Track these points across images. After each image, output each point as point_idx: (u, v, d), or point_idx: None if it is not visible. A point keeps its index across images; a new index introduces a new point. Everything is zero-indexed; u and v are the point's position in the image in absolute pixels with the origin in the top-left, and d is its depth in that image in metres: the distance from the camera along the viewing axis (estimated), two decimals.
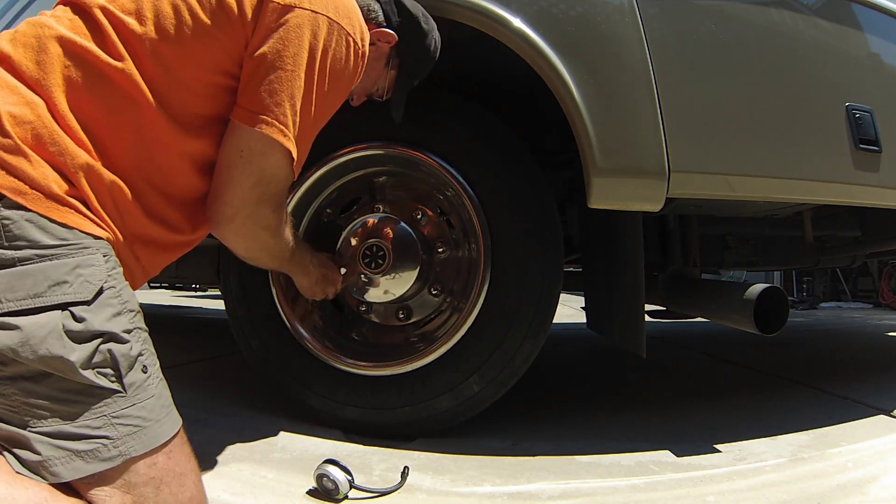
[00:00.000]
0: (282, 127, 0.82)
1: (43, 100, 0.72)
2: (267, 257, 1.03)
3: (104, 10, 0.76)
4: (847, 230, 2.04)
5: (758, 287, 1.35)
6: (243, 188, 0.86)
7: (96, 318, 0.68)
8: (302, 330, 1.34)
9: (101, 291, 0.70)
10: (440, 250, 1.36)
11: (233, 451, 1.17)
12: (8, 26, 2.05)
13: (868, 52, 1.35)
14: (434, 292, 1.37)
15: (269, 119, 0.81)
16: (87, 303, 0.68)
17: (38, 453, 0.64)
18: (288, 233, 1.01)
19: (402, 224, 1.33)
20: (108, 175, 0.75)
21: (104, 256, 0.72)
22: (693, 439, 1.30)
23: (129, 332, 0.72)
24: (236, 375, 1.90)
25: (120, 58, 0.75)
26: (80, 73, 0.74)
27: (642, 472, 1.12)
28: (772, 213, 1.88)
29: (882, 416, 1.49)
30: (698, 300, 1.62)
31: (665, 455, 1.21)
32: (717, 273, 2.65)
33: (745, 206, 1.74)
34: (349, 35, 0.86)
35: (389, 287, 1.31)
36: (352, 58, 0.88)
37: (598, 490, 1.04)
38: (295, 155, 0.86)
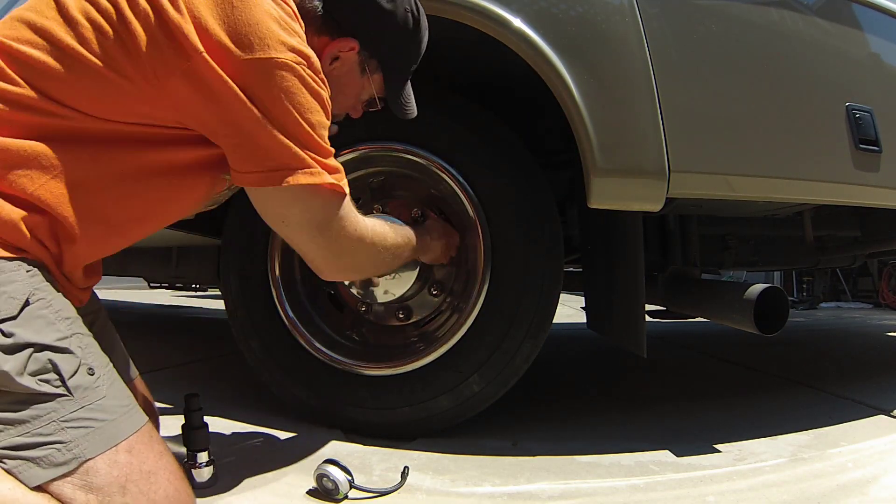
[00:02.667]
0: (304, 169, 0.78)
1: None
2: (390, 261, 1.02)
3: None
4: (847, 230, 2.04)
5: (758, 287, 1.35)
6: (315, 243, 0.86)
7: (25, 331, 0.67)
8: (302, 329, 1.34)
9: (26, 304, 0.69)
10: None
11: (233, 450, 1.17)
12: None
13: (868, 52, 1.35)
14: (434, 293, 1.37)
15: (285, 169, 0.77)
16: (13, 318, 0.67)
17: (4, 464, 0.65)
18: (386, 229, 0.98)
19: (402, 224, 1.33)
20: (16, 211, 0.71)
21: (27, 271, 0.71)
22: (693, 439, 1.30)
23: (65, 338, 0.71)
24: (236, 375, 1.90)
25: (12, 81, 0.72)
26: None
27: (642, 472, 1.12)
28: (772, 213, 1.88)
29: (882, 416, 1.49)
30: (698, 300, 1.62)
31: (665, 455, 1.21)
32: (717, 273, 2.65)
33: (745, 206, 1.74)
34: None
35: (389, 287, 1.31)
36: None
37: (598, 490, 1.04)
38: (328, 178, 0.80)
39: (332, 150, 0.83)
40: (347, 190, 0.85)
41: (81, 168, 0.74)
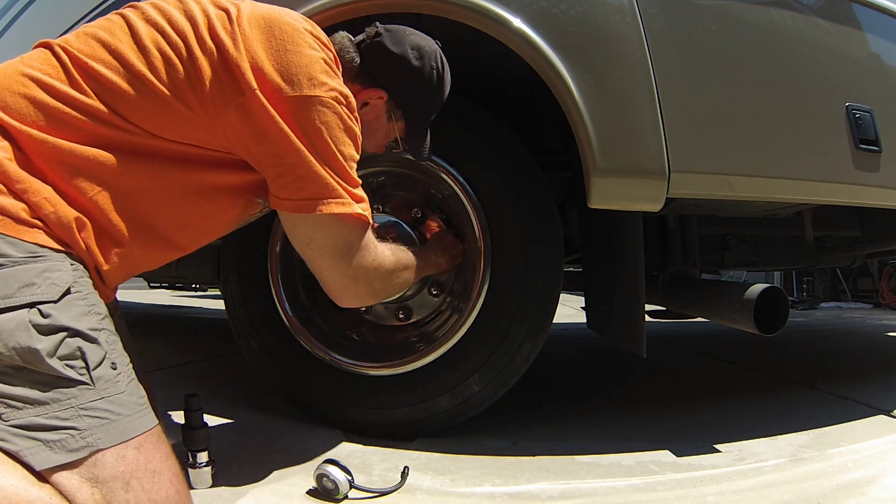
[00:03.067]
0: (335, 199, 0.85)
1: (10, 143, 0.75)
2: (400, 285, 1.09)
3: (64, 49, 0.79)
4: (847, 230, 2.04)
5: (758, 287, 1.35)
6: (335, 268, 0.91)
7: (62, 315, 0.71)
8: (303, 329, 1.33)
9: (67, 292, 0.73)
10: None
11: (233, 451, 1.17)
12: (7, 27, 2.05)
13: (868, 52, 1.35)
14: (434, 293, 1.37)
15: (319, 199, 0.84)
16: (54, 301, 0.71)
17: (13, 444, 0.67)
18: (398, 255, 1.04)
19: (402, 224, 1.33)
20: (71, 212, 0.77)
21: (71, 265, 0.76)
22: (693, 439, 1.31)
23: (96, 330, 0.74)
24: (236, 375, 1.90)
25: (85, 93, 0.78)
26: (50, 109, 0.76)
27: (642, 472, 1.12)
28: (772, 213, 1.88)
29: (882, 416, 1.49)
30: (698, 300, 1.62)
31: (665, 455, 1.21)
32: (717, 273, 2.65)
33: (745, 206, 1.73)
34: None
35: None
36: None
37: (598, 490, 1.04)
38: (356, 208, 0.87)
39: (360, 181, 0.90)
40: (371, 219, 0.92)
41: (136, 179, 0.81)
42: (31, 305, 0.70)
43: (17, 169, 0.74)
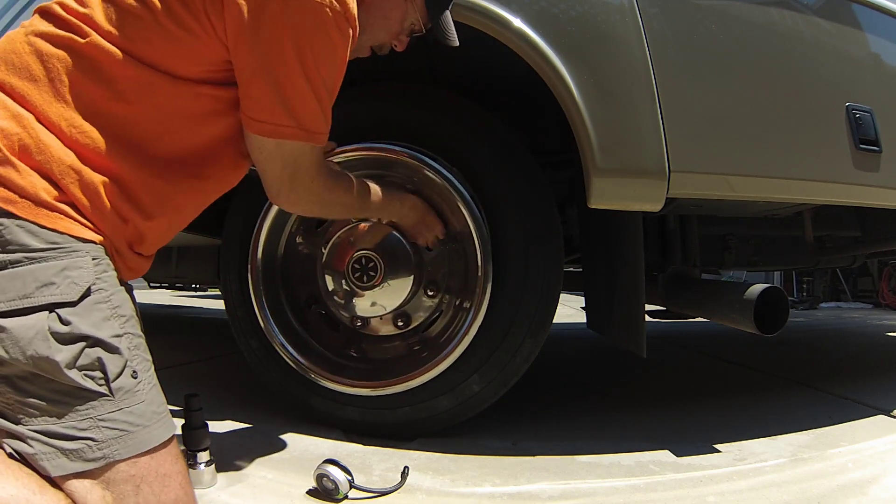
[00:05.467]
0: (283, 126, 0.82)
1: (30, 111, 0.73)
2: (338, 211, 1.11)
3: (59, 3, 0.77)
4: (847, 230, 2.04)
5: (758, 287, 1.35)
6: (275, 172, 0.90)
7: (83, 322, 0.69)
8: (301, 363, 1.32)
9: (87, 293, 0.71)
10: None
11: (233, 451, 1.17)
12: (7, 27, 2.05)
13: (868, 52, 1.35)
14: (430, 293, 1.36)
15: (268, 124, 0.82)
16: (73, 304, 0.69)
17: (30, 447, 0.67)
18: (345, 184, 1.03)
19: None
20: (97, 176, 0.75)
21: (94, 259, 0.73)
22: (693, 439, 1.31)
23: (118, 336, 0.72)
24: (236, 375, 1.90)
25: (85, 34, 0.75)
26: (61, 65, 0.74)
27: (642, 472, 1.12)
28: (772, 213, 1.88)
29: (882, 416, 1.49)
30: (698, 300, 1.62)
31: (665, 455, 1.21)
32: (717, 273, 2.65)
33: (745, 206, 1.74)
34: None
35: (379, 299, 1.30)
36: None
37: (598, 490, 1.04)
38: (310, 138, 0.85)
39: (330, 97, 0.86)
40: (325, 140, 0.89)
41: (149, 125, 0.79)
42: (51, 308, 0.68)
43: (37, 139, 0.71)
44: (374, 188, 1.11)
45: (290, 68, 0.79)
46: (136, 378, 0.73)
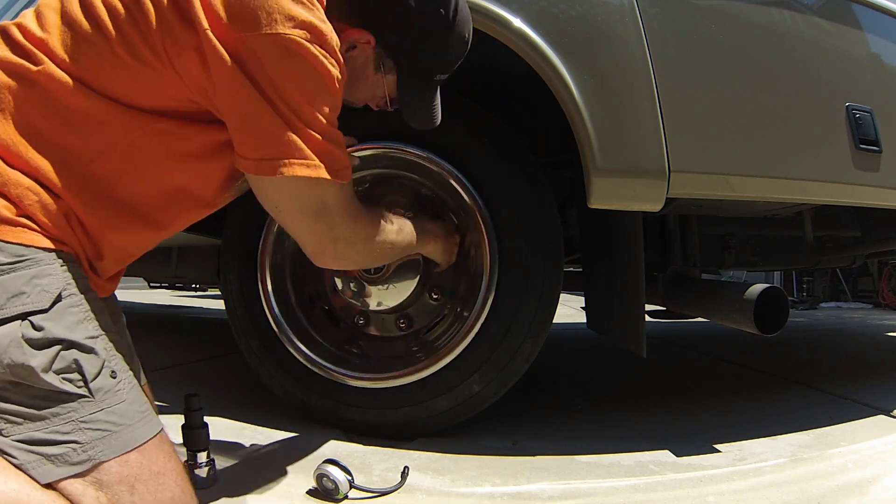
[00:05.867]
0: (298, 161, 0.75)
1: None
2: (389, 255, 1.03)
3: (18, 25, 0.75)
4: (847, 230, 2.04)
5: (758, 287, 1.34)
6: (309, 230, 0.84)
7: (55, 326, 0.68)
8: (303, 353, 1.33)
9: (59, 299, 0.70)
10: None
11: (233, 450, 1.17)
12: None
13: (868, 52, 1.35)
14: (434, 297, 1.36)
15: (280, 161, 0.74)
16: (45, 311, 0.68)
17: (15, 458, 0.66)
18: (388, 222, 0.97)
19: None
20: (52, 198, 0.73)
21: (62, 266, 0.72)
22: (693, 439, 1.31)
23: (93, 338, 0.71)
24: (236, 375, 1.90)
25: (38, 62, 0.72)
26: (12, 96, 0.72)
27: (642, 472, 1.12)
28: (772, 213, 1.88)
29: (882, 416, 1.49)
30: (698, 300, 1.62)
31: (665, 455, 1.21)
32: (717, 273, 2.65)
33: (745, 206, 1.74)
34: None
35: (383, 299, 1.31)
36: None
37: (598, 490, 1.04)
38: (324, 173, 0.76)
39: (338, 132, 0.80)
40: (349, 175, 0.82)
41: (110, 160, 0.76)
42: (23, 317, 0.67)
43: None
44: (404, 220, 1.05)
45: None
46: (115, 378, 0.72)
